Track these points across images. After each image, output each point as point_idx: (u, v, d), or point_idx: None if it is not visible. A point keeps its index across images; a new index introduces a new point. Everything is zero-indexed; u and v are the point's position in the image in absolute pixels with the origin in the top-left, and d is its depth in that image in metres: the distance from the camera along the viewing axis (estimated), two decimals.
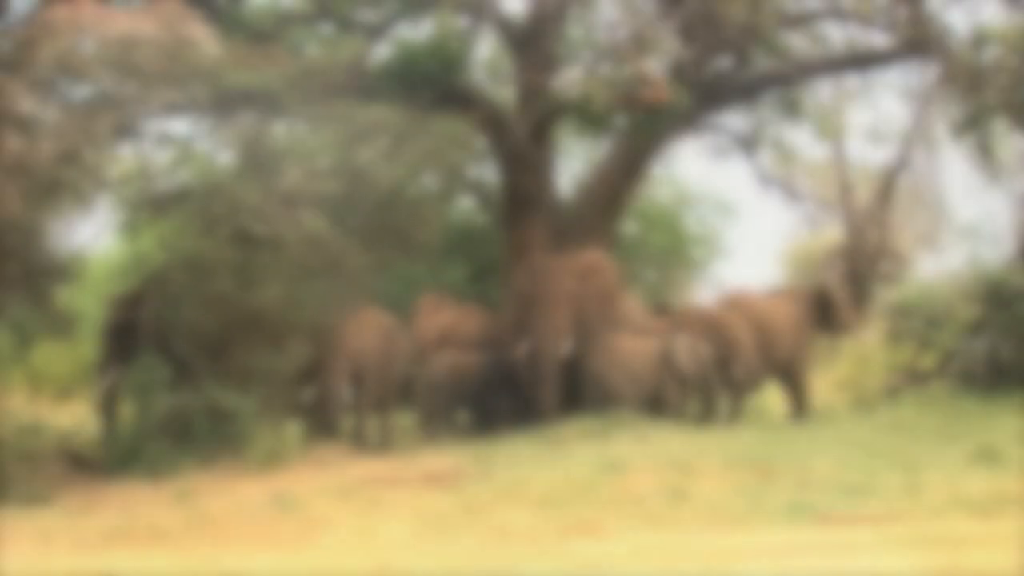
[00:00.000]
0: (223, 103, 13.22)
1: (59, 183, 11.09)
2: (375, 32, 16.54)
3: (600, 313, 15.74)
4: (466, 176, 19.94)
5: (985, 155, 18.75)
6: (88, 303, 21.70)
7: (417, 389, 16.24)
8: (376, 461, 13.34)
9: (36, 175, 10.56)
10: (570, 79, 16.05)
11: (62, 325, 14.85)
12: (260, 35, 14.45)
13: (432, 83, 15.23)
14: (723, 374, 16.09)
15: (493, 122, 16.00)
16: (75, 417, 14.32)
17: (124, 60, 11.24)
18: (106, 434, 14.05)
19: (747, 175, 19.21)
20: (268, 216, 13.71)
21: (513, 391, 15.66)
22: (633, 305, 16.94)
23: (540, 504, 9.67)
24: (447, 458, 13.20)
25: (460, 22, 17.03)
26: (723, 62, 17.22)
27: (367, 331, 15.30)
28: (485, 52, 19.27)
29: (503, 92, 18.55)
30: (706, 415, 15.85)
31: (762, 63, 16.92)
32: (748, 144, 19.52)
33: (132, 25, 11.29)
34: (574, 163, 23.73)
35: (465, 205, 22.86)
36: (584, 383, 15.53)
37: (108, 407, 14.38)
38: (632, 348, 15.76)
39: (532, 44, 16.43)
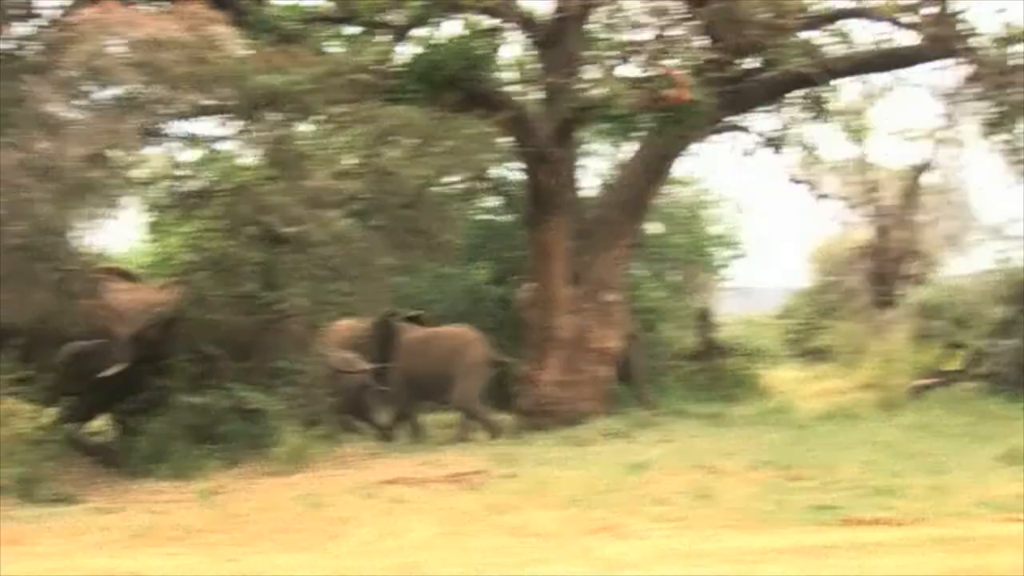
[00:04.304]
0: (249, 104, 13.27)
1: (87, 184, 11.16)
2: (400, 33, 16.57)
3: None
4: (490, 176, 19.97)
5: (1012, 154, 18.67)
6: None
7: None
8: (400, 461, 13.37)
9: (65, 177, 10.63)
10: (594, 79, 16.04)
11: None
12: (285, 36, 14.51)
13: (457, 84, 15.25)
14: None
15: (517, 122, 15.99)
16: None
17: (150, 62, 11.29)
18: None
19: (773, 175, 19.14)
20: (294, 216, 13.78)
21: None
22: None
23: (564, 504, 9.68)
24: (471, 458, 13.23)
25: (485, 23, 17.05)
26: (748, 62, 17.16)
27: None
28: (510, 53, 19.29)
29: (528, 93, 18.58)
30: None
31: (787, 63, 16.85)
32: (774, 144, 19.46)
33: (158, 27, 11.34)
34: (599, 163, 23.74)
35: (490, 205, 22.92)
36: None
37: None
38: None
39: (556, 44, 16.42)
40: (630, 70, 16.31)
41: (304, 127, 15.19)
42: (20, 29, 12.89)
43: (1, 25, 12.36)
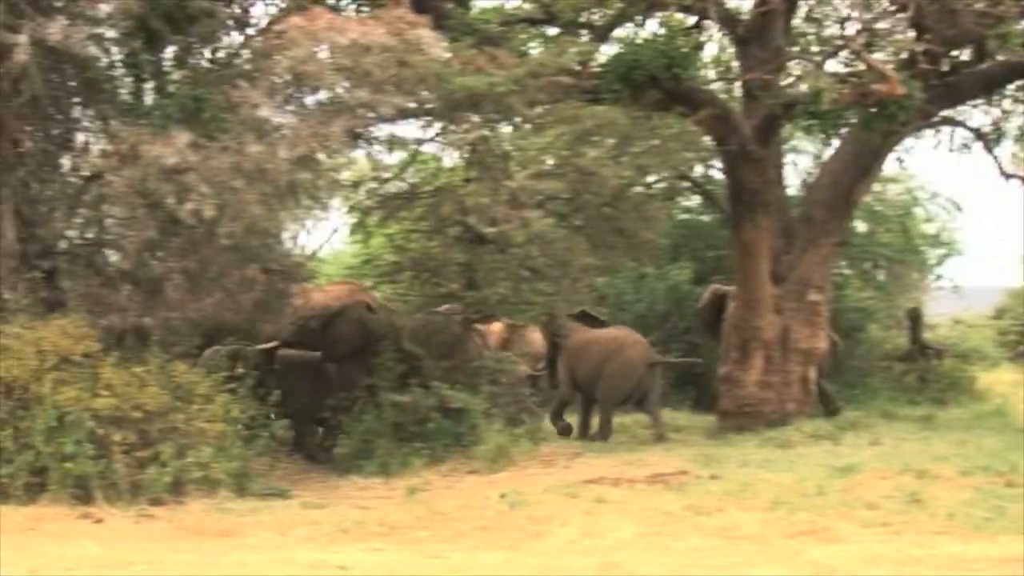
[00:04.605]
0: (450, 106, 13.43)
1: (295, 186, 11.46)
2: (601, 33, 16.55)
3: None
4: (692, 175, 19.80)
5: None
6: None
7: None
8: (602, 460, 13.34)
9: (275, 179, 10.94)
10: (798, 75, 15.73)
11: None
12: (487, 38, 14.65)
13: (657, 82, 15.14)
14: None
15: (719, 120, 15.78)
16: None
17: (355, 67, 11.51)
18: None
19: (988, 171, 18.39)
20: (495, 217, 13.89)
21: None
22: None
23: (769, 507, 9.49)
24: (674, 458, 13.12)
25: (686, 21, 16.90)
26: (961, 53, 16.59)
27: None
28: (710, 50, 19.10)
29: (729, 90, 18.35)
30: None
31: (1005, 53, 16.22)
32: (988, 138, 18.77)
33: (362, 32, 11.55)
34: (803, 160, 23.34)
35: (691, 204, 22.75)
36: None
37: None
38: None
39: (759, 40, 16.16)
40: (836, 65, 15.99)
41: (505, 128, 15.31)
42: (233, 39, 13.35)
43: (219, 35, 12.79)
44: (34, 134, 11.77)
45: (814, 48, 16.70)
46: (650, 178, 17.73)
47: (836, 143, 18.68)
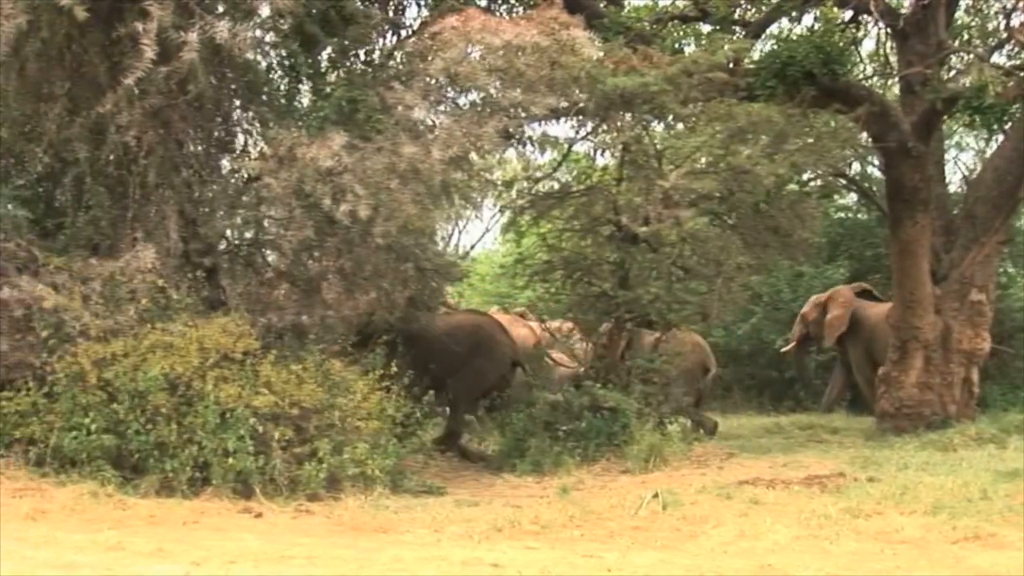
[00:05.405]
0: (603, 105, 13.41)
1: (448, 186, 11.56)
2: (755, 29, 16.37)
3: None
4: (849, 172, 19.47)
5: None
6: (476, 302, 22.67)
7: None
8: (756, 462, 13.19)
9: (428, 179, 11.03)
10: (961, 69, 15.34)
11: None
12: (640, 36, 14.60)
13: (813, 79, 14.91)
14: None
15: (877, 117, 15.47)
16: None
17: (508, 67, 11.56)
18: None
19: None
20: (648, 216, 13.83)
21: None
22: None
23: (930, 511, 9.25)
24: (830, 460, 12.90)
25: (842, 15, 16.61)
26: None
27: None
28: (869, 45, 18.76)
29: (887, 85, 18.00)
30: None
31: None
32: None
33: (516, 33, 11.59)
34: (965, 156, 22.77)
35: (848, 202, 22.39)
36: None
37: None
38: None
39: (918, 34, 15.80)
40: (1000, 58, 15.56)
41: (658, 127, 15.24)
42: (387, 41, 13.53)
43: (373, 37, 12.97)
44: (196, 136, 12.05)
45: (977, 41, 16.26)
46: (805, 176, 17.48)
47: (1000, 138, 18.18)
